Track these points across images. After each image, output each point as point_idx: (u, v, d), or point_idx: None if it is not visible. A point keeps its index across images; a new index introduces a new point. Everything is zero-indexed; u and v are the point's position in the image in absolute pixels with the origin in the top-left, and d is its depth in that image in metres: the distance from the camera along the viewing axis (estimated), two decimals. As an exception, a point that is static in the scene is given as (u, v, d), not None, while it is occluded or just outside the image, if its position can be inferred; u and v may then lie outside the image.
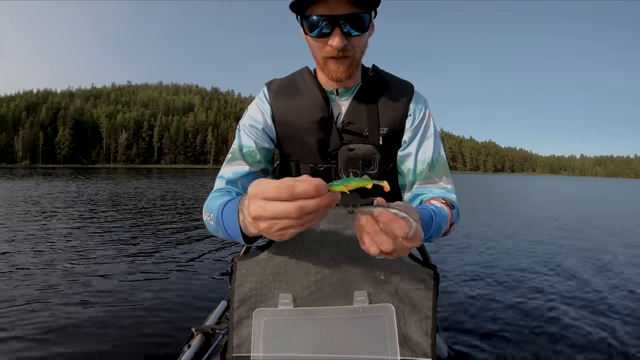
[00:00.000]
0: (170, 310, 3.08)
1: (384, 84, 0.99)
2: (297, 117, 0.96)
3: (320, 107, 0.95)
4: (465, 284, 3.96)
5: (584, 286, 4.05)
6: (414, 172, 0.98)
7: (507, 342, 2.70)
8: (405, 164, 0.99)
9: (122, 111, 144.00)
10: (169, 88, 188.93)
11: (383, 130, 0.95)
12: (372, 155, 0.93)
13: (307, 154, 1.00)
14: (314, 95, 0.96)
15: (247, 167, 0.96)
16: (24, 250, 5.01)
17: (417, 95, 1.01)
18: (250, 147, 0.97)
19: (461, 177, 73.27)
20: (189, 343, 1.31)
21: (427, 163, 0.97)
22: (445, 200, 0.91)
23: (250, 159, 0.97)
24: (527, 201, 17.48)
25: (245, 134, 0.98)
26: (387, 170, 1.01)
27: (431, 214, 0.80)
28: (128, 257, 4.75)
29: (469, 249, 5.86)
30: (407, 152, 0.98)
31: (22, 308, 3.04)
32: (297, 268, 0.87)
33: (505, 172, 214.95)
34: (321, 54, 0.88)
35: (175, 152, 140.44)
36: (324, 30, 0.82)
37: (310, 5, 0.80)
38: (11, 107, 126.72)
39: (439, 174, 0.98)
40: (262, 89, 1.04)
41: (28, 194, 13.09)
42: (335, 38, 0.82)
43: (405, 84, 1.01)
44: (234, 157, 0.97)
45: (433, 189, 0.97)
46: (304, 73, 1.01)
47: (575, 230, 8.22)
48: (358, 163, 0.93)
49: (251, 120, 0.99)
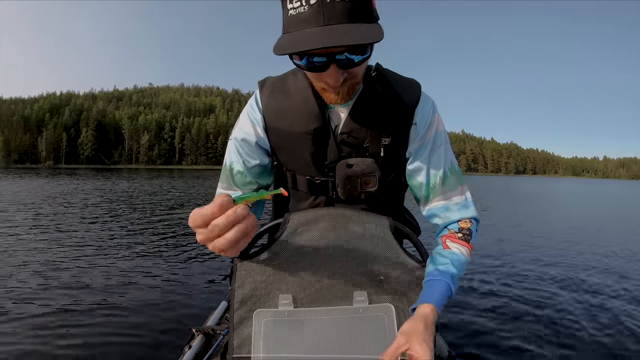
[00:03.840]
0: (170, 311, 3.06)
1: (387, 86, 0.87)
2: (289, 125, 0.88)
3: (315, 117, 0.85)
4: (466, 284, 3.90)
5: (587, 287, 3.97)
6: (427, 187, 0.91)
7: (508, 342, 2.67)
8: (416, 178, 0.92)
9: (144, 113, 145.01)
10: (190, 90, 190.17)
11: (385, 141, 0.87)
12: (372, 173, 0.86)
13: (302, 165, 0.93)
14: (307, 102, 0.86)
15: (239, 192, 0.92)
16: (24, 247, 5.11)
17: (424, 99, 0.90)
18: (239, 168, 0.92)
19: (481, 179, 71.45)
20: (190, 344, 1.31)
21: (439, 177, 0.90)
22: (462, 231, 0.87)
23: (240, 182, 0.92)
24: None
25: (235, 151, 0.92)
26: (387, 180, 0.94)
27: (449, 287, 0.79)
28: (128, 257, 4.76)
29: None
30: (418, 166, 0.91)
31: (22, 308, 3.02)
32: (297, 269, 0.87)
33: (527, 174, 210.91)
34: (316, 83, 0.80)
35: (196, 153, 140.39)
36: (316, 62, 0.70)
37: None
38: (35, 109, 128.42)
39: (453, 187, 0.91)
40: (255, 92, 0.94)
41: (29, 194, 13.28)
42: (331, 76, 0.72)
43: (411, 85, 0.90)
44: (224, 176, 0.94)
45: (450, 213, 0.91)
46: (298, 74, 0.89)
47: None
48: (357, 181, 0.86)
49: (242, 134, 0.91)
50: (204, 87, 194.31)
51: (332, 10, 0.63)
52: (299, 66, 0.73)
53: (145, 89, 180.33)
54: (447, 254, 0.84)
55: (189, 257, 4.80)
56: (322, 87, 0.78)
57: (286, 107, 0.87)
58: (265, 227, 0.90)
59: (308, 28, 0.65)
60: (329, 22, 0.63)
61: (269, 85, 0.91)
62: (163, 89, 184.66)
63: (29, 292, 3.38)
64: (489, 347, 2.59)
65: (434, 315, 0.74)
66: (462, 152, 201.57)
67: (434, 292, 0.78)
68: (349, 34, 0.63)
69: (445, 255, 0.84)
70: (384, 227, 0.88)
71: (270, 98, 0.89)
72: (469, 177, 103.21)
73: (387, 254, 0.88)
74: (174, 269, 4.28)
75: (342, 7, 0.63)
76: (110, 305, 3.16)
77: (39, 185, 17.69)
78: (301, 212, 0.89)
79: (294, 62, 0.73)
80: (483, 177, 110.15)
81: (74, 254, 4.82)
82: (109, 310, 3.04)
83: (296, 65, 0.74)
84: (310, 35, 0.64)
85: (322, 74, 0.73)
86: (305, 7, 0.64)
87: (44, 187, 16.92)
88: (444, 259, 0.83)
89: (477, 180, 56.00)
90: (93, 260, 4.52)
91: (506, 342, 2.68)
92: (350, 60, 0.69)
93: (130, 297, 3.35)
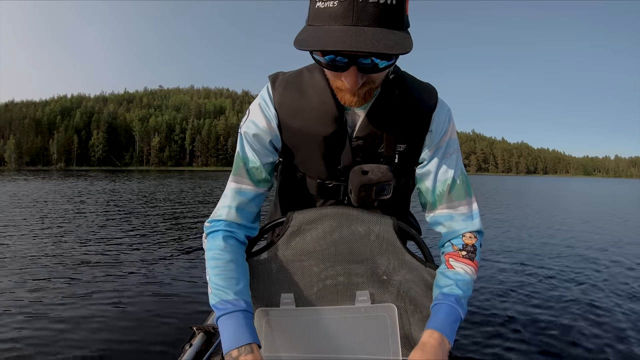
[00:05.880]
0: (171, 309, 3.07)
1: (405, 90, 0.84)
2: (304, 126, 0.84)
3: (333, 119, 0.82)
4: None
5: (590, 293, 3.83)
6: (433, 193, 0.89)
7: (509, 342, 2.66)
8: (424, 183, 0.90)
9: (154, 115, 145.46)
10: (200, 92, 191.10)
11: (400, 148, 0.85)
12: (388, 181, 0.83)
13: (313, 168, 0.90)
14: (325, 102, 0.81)
15: (254, 189, 0.87)
16: (23, 246, 5.20)
17: (441, 105, 0.87)
18: (254, 162, 0.86)
19: (492, 179, 71.39)
20: (191, 342, 1.30)
21: (447, 184, 0.88)
22: (466, 248, 0.85)
23: (256, 177, 0.87)
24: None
25: (248, 145, 0.87)
26: (400, 185, 0.93)
27: (454, 309, 0.77)
28: (129, 256, 4.79)
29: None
30: (427, 170, 0.89)
31: (21, 308, 3.04)
32: (299, 268, 0.86)
33: (538, 174, 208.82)
34: (333, 82, 0.75)
35: (206, 154, 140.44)
36: (337, 62, 0.67)
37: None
38: (46, 112, 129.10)
39: (460, 196, 0.88)
40: (266, 85, 0.88)
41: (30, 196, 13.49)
42: (350, 77, 0.68)
43: (428, 90, 0.88)
44: (238, 169, 0.87)
45: (454, 223, 0.88)
46: (315, 72, 0.84)
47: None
48: (371, 190, 0.84)
49: (255, 128, 0.86)
50: (213, 89, 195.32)
51: (363, 11, 0.60)
52: (318, 62, 0.70)
53: (155, 91, 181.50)
54: (451, 275, 0.82)
55: (190, 255, 4.85)
56: (339, 87, 0.74)
57: (302, 107, 0.83)
58: (267, 225, 0.89)
59: (335, 25, 0.61)
60: (358, 23, 0.60)
61: (282, 81, 0.85)
62: (173, 91, 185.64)
63: (29, 293, 3.40)
64: (491, 347, 2.57)
65: (435, 340, 0.72)
66: (472, 152, 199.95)
67: (437, 317, 0.76)
68: (379, 42, 0.59)
69: (449, 276, 0.82)
70: (388, 226, 0.87)
71: (284, 95, 0.84)
72: (479, 177, 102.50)
73: (390, 254, 0.87)
74: (176, 266, 4.31)
75: (374, 10, 0.60)
76: (111, 303, 3.18)
77: (42, 186, 17.98)
78: (304, 210, 0.87)
79: (314, 57, 0.70)
80: (494, 177, 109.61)
81: (75, 253, 4.89)
82: (110, 308, 3.06)
83: (315, 61, 0.71)
84: (337, 35, 0.60)
85: (340, 74, 0.69)
86: (335, 3, 0.61)
87: (50, 187, 17.18)
88: (448, 281, 0.81)
89: (487, 180, 55.69)
90: (94, 259, 4.56)
91: (508, 341, 2.66)
92: (375, 65, 0.66)
93: (131, 295, 3.38)
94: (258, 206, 0.89)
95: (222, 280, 0.77)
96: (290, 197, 1.01)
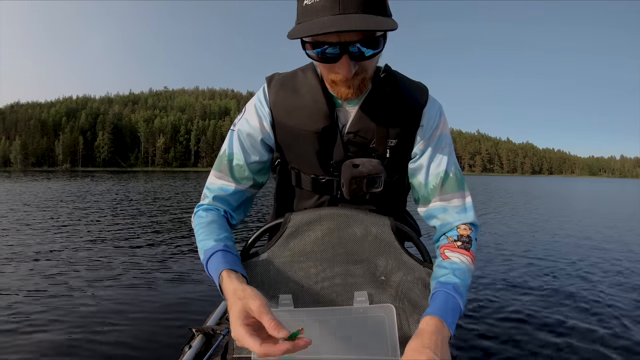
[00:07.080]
0: (170, 311, 3.07)
1: (396, 87, 0.87)
2: (298, 123, 0.87)
3: (324, 115, 0.85)
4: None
5: (593, 291, 3.83)
6: (426, 187, 0.90)
7: (509, 342, 2.66)
8: (416, 177, 0.92)
9: (159, 116, 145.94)
10: (205, 93, 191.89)
11: (391, 142, 0.87)
12: (378, 174, 0.85)
13: (307, 164, 0.92)
14: (317, 100, 0.85)
15: (234, 185, 0.89)
16: (22, 246, 5.20)
17: (431, 102, 0.90)
18: (239, 160, 0.89)
19: (497, 179, 70.66)
20: (190, 344, 1.31)
21: (440, 177, 0.89)
22: (461, 239, 0.85)
23: (238, 174, 0.90)
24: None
25: (237, 142, 0.89)
26: (392, 181, 0.94)
27: (452, 296, 0.74)
28: (128, 256, 4.79)
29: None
30: (419, 164, 0.90)
31: (20, 307, 3.04)
32: (297, 269, 0.86)
33: (543, 174, 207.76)
34: (327, 76, 0.78)
35: (212, 155, 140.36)
36: (328, 54, 0.70)
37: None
38: (52, 113, 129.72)
39: (453, 189, 0.89)
40: (263, 86, 0.92)
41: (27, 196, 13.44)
42: (343, 67, 0.71)
43: (419, 88, 0.91)
44: (221, 165, 0.90)
45: (447, 215, 0.89)
46: (308, 72, 0.88)
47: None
48: (362, 182, 0.85)
49: (248, 127, 0.90)
50: (218, 90, 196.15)
51: (349, 1, 0.64)
52: (310, 57, 0.73)
53: (160, 92, 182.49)
54: (447, 265, 0.81)
55: (189, 257, 4.84)
56: (333, 79, 0.77)
57: (295, 105, 0.86)
58: (265, 226, 0.90)
59: (323, 16, 0.65)
60: (344, 12, 0.64)
61: (277, 81, 0.89)
62: (178, 92, 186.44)
63: (29, 292, 3.41)
64: (491, 348, 2.57)
65: (434, 325, 0.68)
66: (477, 153, 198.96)
67: (435, 304, 0.74)
68: (364, 21, 0.63)
69: (445, 266, 0.81)
70: (386, 227, 0.87)
71: (279, 94, 0.88)
72: (484, 177, 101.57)
73: (388, 254, 0.87)
74: (174, 268, 4.30)
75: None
76: (110, 304, 3.17)
77: (46, 187, 18.04)
78: (302, 212, 0.88)
79: (306, 52, 0.72)
80: (499, 177, 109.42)
81: (75, 253, 4.89)
82: (109, 309, 3.05)
83: (308, 56, 0.73)
84: (324, 22, 0.63)
85: (333, 66, 0.72)
86: None
87: (57, 188, 17.25)
88: (444, 270, 0.80)
89: (493, 180, 54.96)
90: (92, 261, 4.54)
91: (508, 341, 2.66)
92: (362, 52, 0.69)
93: (130, 296, 3.37)
94: (238, 201, 0.92)
95: (204, 235, 0.80)
96: (287, 196, 1.03)
